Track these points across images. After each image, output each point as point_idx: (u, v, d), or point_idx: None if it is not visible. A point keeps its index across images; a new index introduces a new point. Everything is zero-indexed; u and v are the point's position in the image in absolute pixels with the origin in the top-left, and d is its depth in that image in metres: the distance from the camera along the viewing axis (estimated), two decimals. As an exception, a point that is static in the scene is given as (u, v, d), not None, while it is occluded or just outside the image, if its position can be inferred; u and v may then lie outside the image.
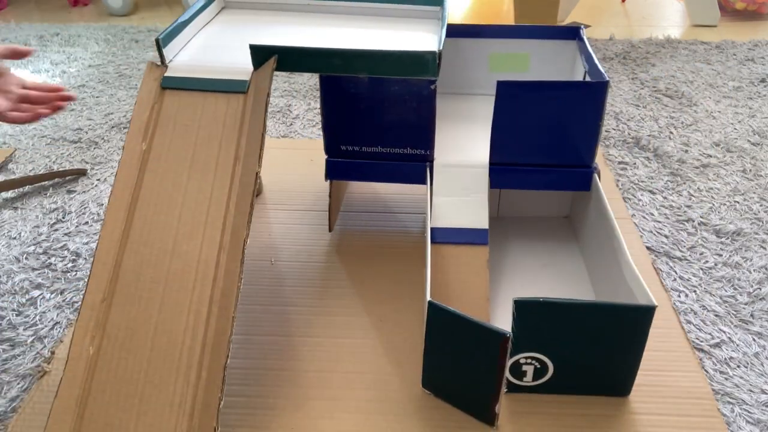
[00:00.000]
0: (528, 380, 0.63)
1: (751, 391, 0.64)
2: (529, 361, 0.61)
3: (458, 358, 0.60)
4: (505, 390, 0.63)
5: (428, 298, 0.59)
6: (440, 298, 0.65)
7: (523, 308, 0.58)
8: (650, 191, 0.97)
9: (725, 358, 0.68)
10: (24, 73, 1.45)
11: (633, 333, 0.59)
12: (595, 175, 0.76)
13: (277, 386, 0.65)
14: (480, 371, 0.58)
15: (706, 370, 0.67)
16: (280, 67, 0.68)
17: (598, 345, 0.60)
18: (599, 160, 1.05)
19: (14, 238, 0.89)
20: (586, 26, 1.72)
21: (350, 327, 0.72)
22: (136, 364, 0.54)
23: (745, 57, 1.44)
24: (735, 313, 0.74)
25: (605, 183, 0.98)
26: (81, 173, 1.04)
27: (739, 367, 0.67)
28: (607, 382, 0.63)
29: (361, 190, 0.98)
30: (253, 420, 0.61)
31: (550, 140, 0.74)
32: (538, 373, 0.62)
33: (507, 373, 0.62)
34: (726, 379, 0.66)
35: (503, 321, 0.59)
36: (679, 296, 0.76)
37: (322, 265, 0.82)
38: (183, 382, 0.53)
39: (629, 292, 0.62)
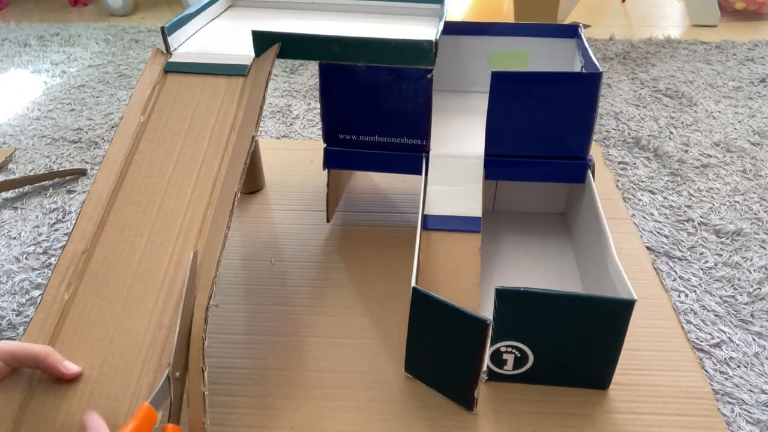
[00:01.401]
0: (508, 369, 0.63)
1: (751, 391, 0.64)
2: (509, 349, 0.61)
3: (440, 344, 0.60)
4: (486, 378, 0.64)
5: (413, 283, 0.59)
6: (430, 284, 0.65)
7: (505, 297, 0.58)
8: (650, 191, 0.97)
9: (725, 358, 0.68)
10: (24, 73, 1.46)
11: (612, 326, 0.59)
12: (589, 171, 0.76)
13: (277, 386, 0.65)
14: (460, 357, 0.59)
15: (706, 370, 0.67)
16: (281, 54, 0.69)
17: (578, 337, 0.60)
18: (598, 161, 1.05)
19: (14, 238, 0.89)
20: (586, 26, 1.72)
21: (350, 327, 0.72)
22: (109, 310, 0.54)
23: (745, 57, 1.44)
24: (735, 313, 0.74)
25: (605, 183, 0.98)
26: (81, 173, 1.04)
27: (739, 367, 0.67)
28: (586, 375, 0.63)
29: (362, 189, 0.98)
30: (253, 420, 0.61)
31: (545, 132, 0.74)
32: (519, 362, 0.62)
33: (488, 361, 0.63)
34: (726, 379, 0.66)
35: (491, 311, 0.59)
36: (679, 296, 0.76)
37: (322, 265, 0.82)
38: (155, 325, 0.53)
39: (613, 286, 0.62)
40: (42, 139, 1.15)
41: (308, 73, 1.41)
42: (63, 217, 0.93)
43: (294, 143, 1.12)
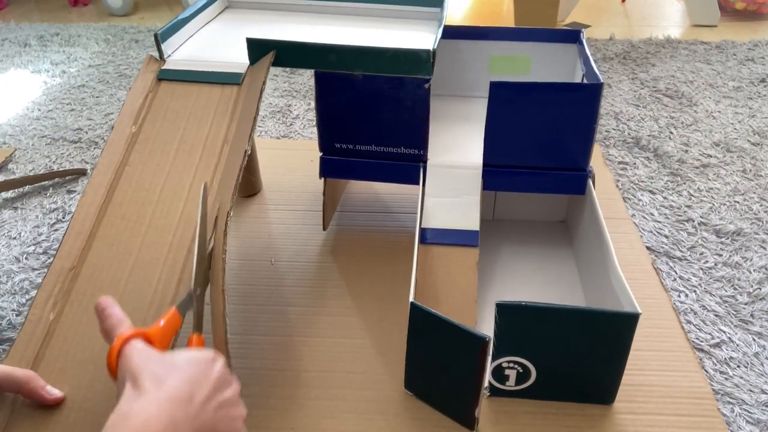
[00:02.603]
0: (511, 384, 0.62)
1: (751, 391, 0.64)
2: (511, 365, 0.60)
3: (439, 361, 0.59)
4: (488, 394, 0.63)
5: (411, 299, 0.59)
6: (428, 299, 0.65)
7: (506, 312, 0.57)
8: (650, 191, 0.97)
9: (725, 358, 0.68)
10: (24, 73, 1.45)
11: (616, 340, 0.58)
12: (590, 180, 0.75)
13: (277, 386, 0.65)
14: (460, 375, 0.58)
15: (706, 370, 0.67)
16: (277, 62, 0.68)
17: (581, 351, 0.59)
18: (598, 161, 1.05)
19: (14, 238, 0.89)
20: (586, 26, 1.72)
21: (350, 327, 0.72)
22: (96, 330, 0.52)
23: (745, 57, 1.44)
24: (735, 313, 0.74)
25: (605, 183, 0.98)
26: (81, 173, 1.04)
27: (739, 367, 0.67)
28: (590, 389, 0.62)
29: (360, 190, 0.98)
30: (254, 420, 0.61)
31: (544, 142, 0.73)
32: (521, 377, 0.61)
33: (490, 377, 0.62)
34: (726, 379, 0.66)
35: (491, 323, 0.58)
36: (679, 296, 0.76)
37: (321, 265, 0.82)
38: None
39: (616, 299, 0.61)
40: (42, 139, 1.15)
41: (308, 74, 1.41)
42: (63, 217, 0.93)
43: (294, 143, 1.12)
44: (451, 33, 0.88)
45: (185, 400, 0.41)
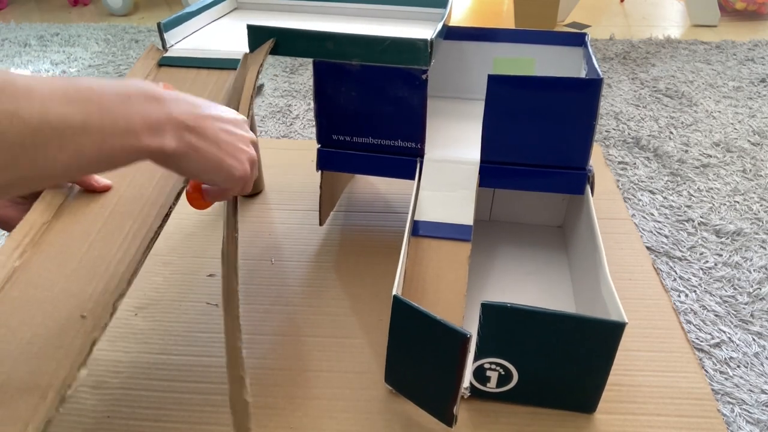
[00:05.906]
0: (492, 386, 0.61)
1: (751, 391, 0.64)
2: (493, 366, 0.59)
3: (420, 356, 0.58)
4: (468, 394, 0.62)
5: (396, 291, 0.58)
6: (416, 292, 0.64)
7: (490, 312, 0.56)
8: (650, 191, 0.97)
9: (725, 358, 0.68)
10: (24, 73, 1.45)
11: (601, 348, 0.57)
12: (588, 185, 0.74)
13: (277, 386, 0.65)
14: (440, 371, 0.57)
15: (706, 370, 0.67)
16: (275, 50, 0.69)
17: (565, 357, 0.58)
18: (599, 161, 1.05)
19: (14, 238, 0.89)
20: (586, 26, 1.73)
21: (350, 327, 0.72)
22: (59, 275, 0.53)
23: (745, 57, 1.44)
24: (735, 313, 0.74)
25: (606, 183, 0.98)
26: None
27: (739, 367, 0.67)
28: (572, 397, 0.61)
29: (361, 190, 0.98)
30: (253, 420, 0.61)
31: (542, 139, 0.72)
32: (503, 380, 0.60)
33: (471, 378, 0.61)
34: (726, 379, 0.66)
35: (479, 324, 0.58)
36: (679, 296, 0.76)
37: (322, 265, 0.82)
38: (102, 290, 0.52)
39: (604, 307, 0.60)
40: (42, 139, 1.15)
41: (308, 73, 1.41)
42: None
43: (294, 143, 1.12)
44: (455, 34, 0.87)
45: (189, 97, 0.48)
